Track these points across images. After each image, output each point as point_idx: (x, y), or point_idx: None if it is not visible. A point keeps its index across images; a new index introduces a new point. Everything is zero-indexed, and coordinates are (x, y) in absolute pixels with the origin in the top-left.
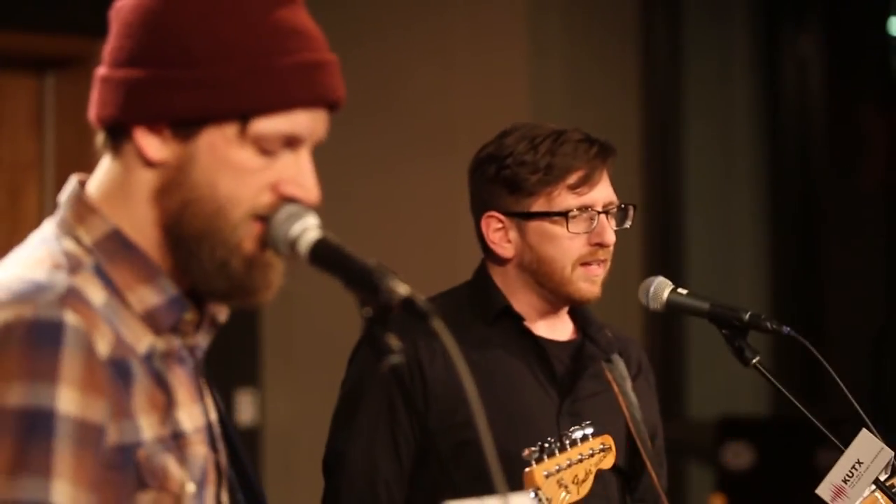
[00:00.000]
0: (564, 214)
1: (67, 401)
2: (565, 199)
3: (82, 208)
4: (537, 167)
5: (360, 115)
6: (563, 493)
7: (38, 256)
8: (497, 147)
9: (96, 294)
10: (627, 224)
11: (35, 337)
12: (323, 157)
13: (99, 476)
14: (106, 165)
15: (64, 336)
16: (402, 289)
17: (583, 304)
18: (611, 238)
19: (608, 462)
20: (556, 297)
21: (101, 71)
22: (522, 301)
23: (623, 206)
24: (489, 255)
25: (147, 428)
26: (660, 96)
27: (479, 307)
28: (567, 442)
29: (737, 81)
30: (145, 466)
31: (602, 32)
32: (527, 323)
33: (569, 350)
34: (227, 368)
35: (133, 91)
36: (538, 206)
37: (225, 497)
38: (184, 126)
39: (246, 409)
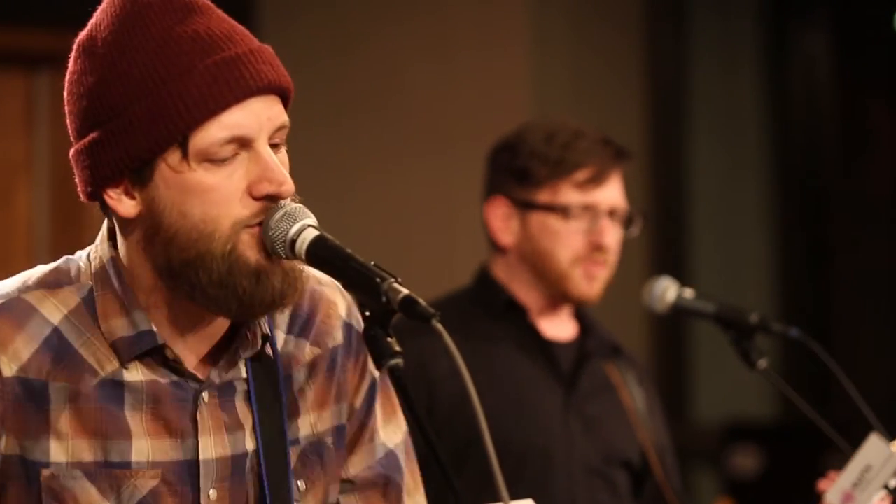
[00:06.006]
0: (566, 210)
1: None
2: (569, 195)
3: (102, 238)
4: (548, 159)
5: (360, 112)
6: None
7: (42, 268)
8: (514, 137)
9: (54, 313)
10: (633, 233)
11: None
12: (322, 154)
13: None
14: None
15: None
16: (403, 290)
17: (581, 302)
18: (610, 241)
19: None
20: (554, 292)
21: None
22: (525, 293)
23: (630, 214)
24: (492, 243)
25: (60, 451)
26: (665, 95)
27: (484, 304)
28: None
29: (743, 79)
30: (46, 487)
31: (606, 29)
32: (532, 317)
33: (571, 349)
34: None
35: (86, 160)
36: (543, 197)
37: None
38: (136, 172)
39: None
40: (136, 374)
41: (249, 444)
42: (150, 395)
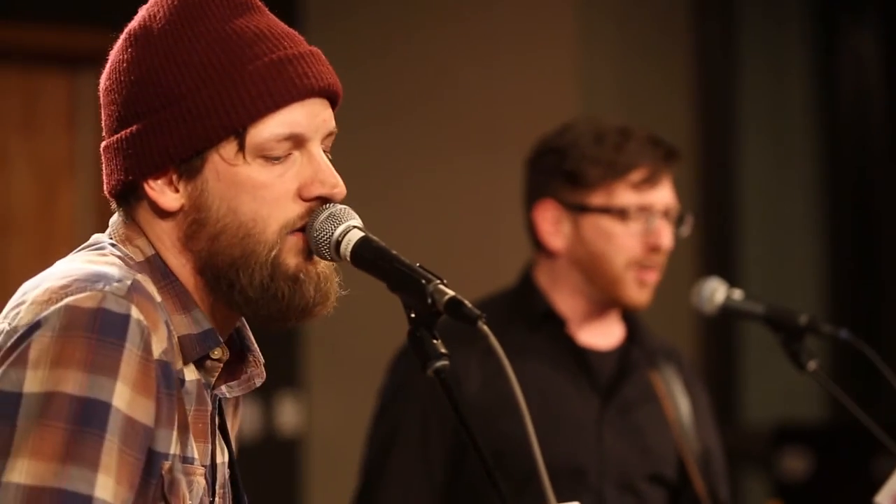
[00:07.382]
0: (623, 212)
1: (120, 398)
2: (625, 197)
3: (129, 230)
4: (600, 161)
5: (405, 114)
6: None
7: (100, 256)
8: (560, 138)
9: (154, 294)
10: (685, 232)
11: (100, 327)
12: (368, 156)
13: (135, 476)
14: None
15: (127, 331)
16: (449, 291)
17: (631, 308)
18: (668, 241)
19: None
20: (604, 297)
21: (102, 144)
22: (568, 301)
23: (682, 213)
24: (538, 248)
25: (174, 442)
26: (714, 97)
27: (522, 311)
28: None
29: (793, 80)
30: (166, 480)
31: (654, 29)
32: (571, 327)
33: (613, 358)
34: (267, 370)
35: (130, 148)
36: (597, 200)
37: None
38: (186, 163)
39: (288, 414)
40: (191, 372)
41: (224, 455)
42: (197, 395)
